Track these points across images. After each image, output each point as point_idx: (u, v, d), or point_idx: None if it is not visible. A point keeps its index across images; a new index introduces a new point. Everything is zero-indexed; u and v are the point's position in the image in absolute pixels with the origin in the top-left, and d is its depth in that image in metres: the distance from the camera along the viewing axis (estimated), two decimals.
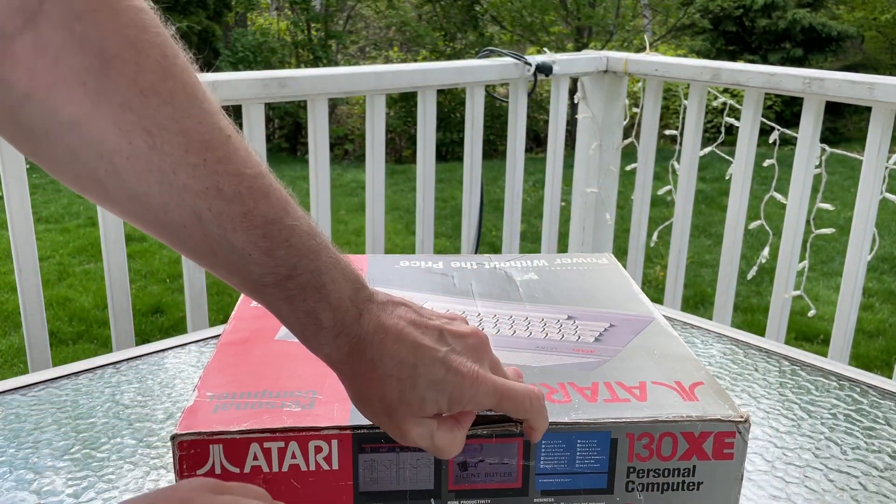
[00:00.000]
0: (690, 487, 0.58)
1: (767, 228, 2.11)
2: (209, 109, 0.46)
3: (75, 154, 0.44)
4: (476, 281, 0.82)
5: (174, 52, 0.46)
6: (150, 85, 0.44)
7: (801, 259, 1.97)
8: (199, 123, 0.46)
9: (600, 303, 0.77)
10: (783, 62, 9.27)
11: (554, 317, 0.73)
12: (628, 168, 2.31)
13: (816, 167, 1.90)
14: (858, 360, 3.62)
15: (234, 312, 0.74)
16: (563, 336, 0.69)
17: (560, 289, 0.80)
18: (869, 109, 1.78)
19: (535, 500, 0.57)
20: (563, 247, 2.48)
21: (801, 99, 1.87)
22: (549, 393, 0.59)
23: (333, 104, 8.52)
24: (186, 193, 0.45)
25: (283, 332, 0.70)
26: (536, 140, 7.84)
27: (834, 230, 2.01)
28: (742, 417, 0.57)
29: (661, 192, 2.25)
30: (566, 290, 0.80)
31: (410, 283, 0.81)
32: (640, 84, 2.36)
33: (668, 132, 2.35)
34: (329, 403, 0.58)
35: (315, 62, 9.30)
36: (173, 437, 0.54)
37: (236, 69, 7.84)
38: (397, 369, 0.49)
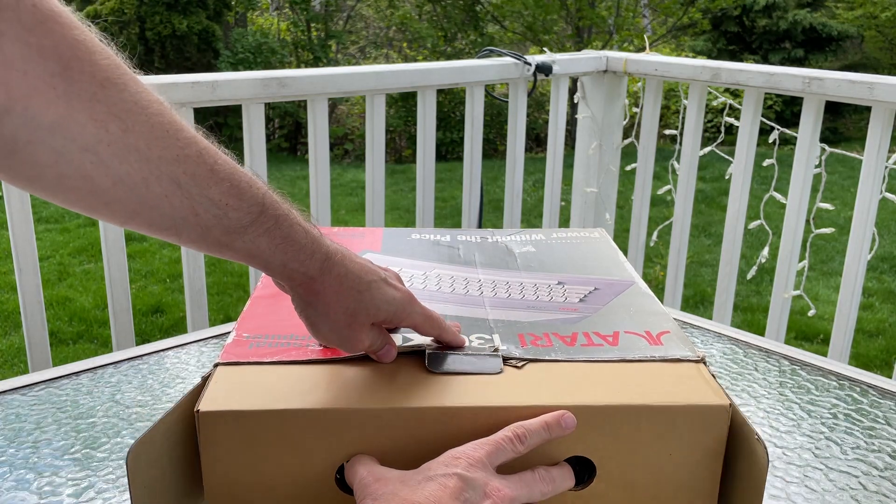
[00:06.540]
0: None
1: (767, 228, 2.11)
2: (146, 88, 0.51)
3: (61, 154, 0.47)
4: (479, 252, 0.90)
5: (104, 46, 0.50)
6: (106, 77, 0.48)
7: (801, 259, 1.97)
8: (150, 102, 0.50)
9: (588, 270, 0.85)
10: (784, 62, 9.27)
11: (545, 282, 0.81)
12: (628, 168, 2.31)
13: (816, 167, 1.90)
14: (858, 359, 3.62)
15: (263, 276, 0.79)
16: (552, 298, 0.77)
17: (553, 259, 0.88)
18: (869, 109, 1.78)
19: None
20: None
21: (801, 99, 1.87)
22: (535, 340, 0.67)
23: (333, 104, 8.52)
24: (162, 163, 0.50)
25: None
26: (536, 140, 7.85)
27: (834, 230, 2.00)
28: (699, 357, 0.64)
29: (660, 191, 2.25)
30: (559, 259, 0.88)
31: (420, 253, 0.89)
32: (640, 84, 2.36)
33: (667, 132, 2.35)
34: None
35: (315, 62, 9.30)
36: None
37: (236, 69, 7.83)
38: (357, 283, 0.60)
